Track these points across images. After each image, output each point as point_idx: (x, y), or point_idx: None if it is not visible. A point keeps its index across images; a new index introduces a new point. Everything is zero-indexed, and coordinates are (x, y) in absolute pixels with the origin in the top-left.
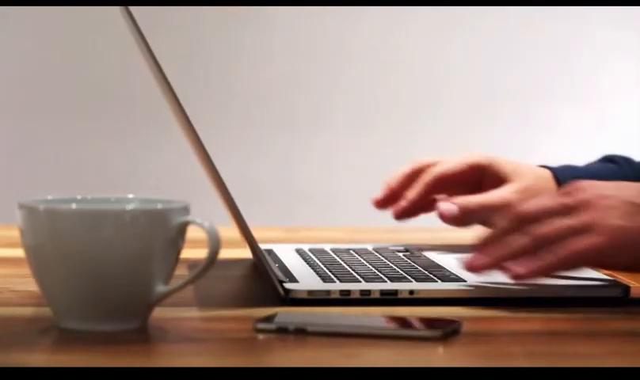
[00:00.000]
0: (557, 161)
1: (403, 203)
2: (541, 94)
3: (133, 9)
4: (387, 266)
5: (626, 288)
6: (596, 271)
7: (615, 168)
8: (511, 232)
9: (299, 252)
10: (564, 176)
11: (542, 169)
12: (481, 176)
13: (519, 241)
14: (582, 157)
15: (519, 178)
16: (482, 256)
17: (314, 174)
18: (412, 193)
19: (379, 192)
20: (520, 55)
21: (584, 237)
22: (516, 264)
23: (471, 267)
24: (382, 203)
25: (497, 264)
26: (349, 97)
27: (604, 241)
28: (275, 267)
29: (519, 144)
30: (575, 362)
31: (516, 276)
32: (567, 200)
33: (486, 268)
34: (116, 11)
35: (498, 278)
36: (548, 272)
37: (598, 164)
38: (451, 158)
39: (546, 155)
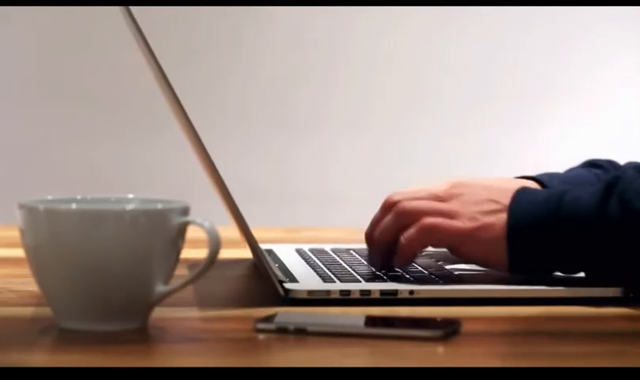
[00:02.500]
0: (555, 161)
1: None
2: (539, 93)
3: (133, 9)
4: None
5: (625, 289)
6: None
7: (599, 173)
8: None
9: (299, 252)
10: (553, 187)
11: (530, 183)
12: None
13: (386, 220)
14: (581, 157)
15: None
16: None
17: (313, 174)
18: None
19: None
20: (517, 54)
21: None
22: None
23: (377, 270)
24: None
25: (378, 252)
26: (348, 97)
27: (463, 227)
28: (275, 267)
29: (516, 143)
30: (575, 362)
31: (399, 267)
32: (437, 191)
33: (379, 263)
34: (116, 11)
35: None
36: (413, 246)
37: (582, 169)
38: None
39: (543, 155)
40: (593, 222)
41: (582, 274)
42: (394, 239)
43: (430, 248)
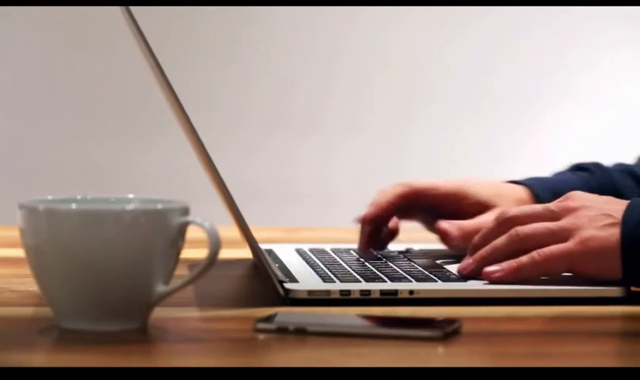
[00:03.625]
0: (552, 161)
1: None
2: (538, 94)
3: (133, 9)
4: (387, 266)
5: (626, 288)
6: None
7: (587, 176)
8: (496, 234)
9: (299, 252)
10: (540, 190)
11: (518, 187)
12: (457, 204)
13: (498, 240)
14: (578, 158)
15: (499, 205)
16: (469, 259)
17: (313, 174)
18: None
19: (366, 210)
20: (514, 54)
21: (558, 244)
22: (492, 267)
23: (460, 272)
24: (369, 221)
25: (480, 266)
26: (347, 97)
27: (576, 248)
28: (275, 267)
29: (514, 143)
30: (575, 363)
31: (490, 278)
32: (552, 206)
33: (472, 271)
34: (116, 11)
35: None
36: (522, 275)
37: (569, 173)
38: (439, 183)
39: (542, 155)
40: None
41: None
42: (500, 260)
43: (429, 247)
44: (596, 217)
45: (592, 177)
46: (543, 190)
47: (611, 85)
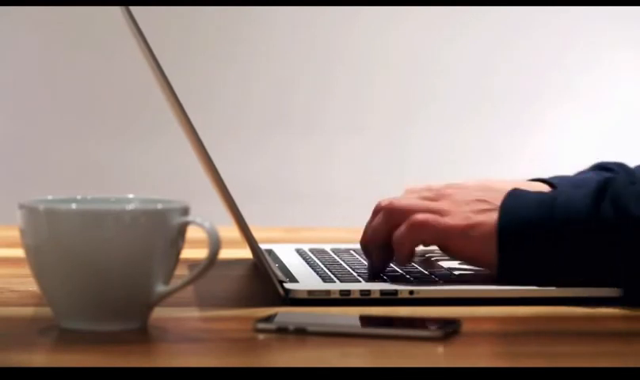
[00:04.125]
0: (552, 161)
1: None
2: (536, 94)
3: (133, 9)
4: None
5: (624, 288)
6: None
7: (610, 176)
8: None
9: (299, 252)
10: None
11: (542, 185)
12: None
13: (376, 220)
14: (577, 157)
15: None
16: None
17: (313, 174)
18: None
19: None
20: (514, 55)
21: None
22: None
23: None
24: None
25: (374, 255)
26: (347, 97)
27: (453, 224)
28: (275, 267)
29: (514, 143)
30: (575, 362)
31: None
32: (428, 193)
33: (377, 266)
34: (116, 11)
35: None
36: (401, 241)
37: (592, 173)
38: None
39: (542, 155)
40: (585, 224)
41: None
42: (386, 240)
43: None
44: (472, 202)
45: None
46: (569, 187)
47: (611, 85)
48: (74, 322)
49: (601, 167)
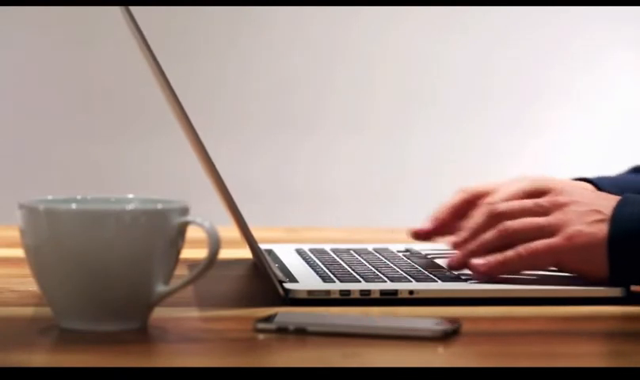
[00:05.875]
0: (552, 161)
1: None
2: (536, 94)
3: (133, 9)
4: (387, 266)
5: (626, 288)
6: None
7: None
8: (485, 228)
9: (299, 252)
10: (608, 187)
11: (585, 184)
12: None
13: (487, 235)
14: (578, 157)
15: None
16: (457, 253)
17: (313, 174)
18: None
19: (423, 223)
20: (514, 55)
21: (545, 238)
22: (479, 259)
23: (449, 265)
24: (425, 235)
25: (467, 259)
26: (347, 97)
27: (562, 244)
28: (275, 267)
29: (514, 143)
30: (575, 363)
31: (476, 271)
32: (542, 201)
33: (459, 264)
34: (116, 11)
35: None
36: (507, 269)
37: (631, 174)
38: (502, 186)
39: (540, 155)
40: None
41: None
42: (490, 253)
43: (429, 247)
44: (585, 212)
45: None
46: (610, 187)
47: (611, 85)
48: (74, 322)
49: (638, 169)
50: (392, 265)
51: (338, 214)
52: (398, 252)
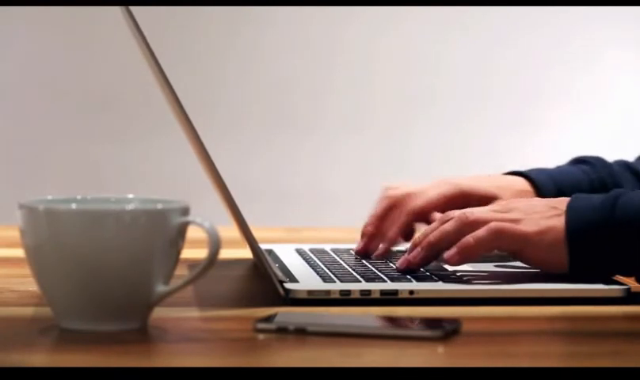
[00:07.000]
0: (552, 161)
1: (385, 246)
2: (536, 94)
3: (133, 9)
4: (387, 266)
5: (626, 288)
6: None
7: (587, 168)
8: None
9: (300, 252)
10: (541, 182)
11: (519, 179)
12: (464, 204)
13: (448, 225)
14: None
15: (502, 197)
16: (417, 248)
17: (313, 173)
18: (391, 233)
19: (358, 243)
20: (513, 54)
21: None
22: (450, 250)
23: (410, 262)
24: (364, 251)
25: (430, 253)
26: (347, 97)
27: (529, 231)
28: (275, 267)
29: (514, 143)
30: (575, 363)
31: (450, 262)
32: (497, 206)
33: (423, 258)
34: (116, 11)
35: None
36: (477, 249)
37: (570, 166)
38: (425, 190)
39: (540, 155)
40: None
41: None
42: (450, 246)
43: None
44: (543, 208)
45: (592, 170)
46: (545, 180)
47: (611, 85)
48: (74, 322)
49: (579, 161)
50: (392, 265)
51: (338, 214)
52: (398, 252)
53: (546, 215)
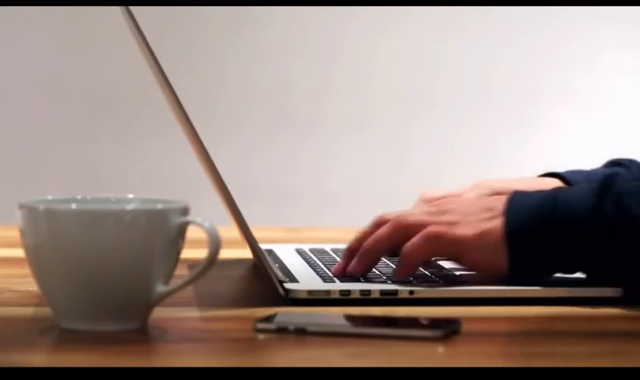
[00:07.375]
0: (552, 161)
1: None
2: (536, 94)
3: (133, 9)
4: (387, 266)
5: (627, 288)
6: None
7: (622, 171)
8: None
9: (300, 252)
10: (577, 183)
11: (555, 180)
12: None
13: (382, 230)
14: (578, 157)
15: None
16: (354, 259)
17: (313, 173)
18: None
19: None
20: (514, 55)
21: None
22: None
23: (349, 272)
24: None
25: (367, 260)
26: (347, 97)
27: (466, 234)
28: (275, 267)
29: (514, 143)
30: (575, 362)
31: (398, 276)
32: (429, 208)
33: (362, 268)
34: (116, 11)
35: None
36: (416, 256)
37: (605, 168)
38: (461, 193)
39: (540, 155)
40: (585, 222)
41: (582, 274)
42: (387, 251)
43: None
44: (477, 210)
45: (627, 172)
46: (581, 181)
47: (611, 85)
48: (74, 322)
49: (614, 163)
50: (392, 265)
51: (338, 214)
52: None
53: (483, 217)
